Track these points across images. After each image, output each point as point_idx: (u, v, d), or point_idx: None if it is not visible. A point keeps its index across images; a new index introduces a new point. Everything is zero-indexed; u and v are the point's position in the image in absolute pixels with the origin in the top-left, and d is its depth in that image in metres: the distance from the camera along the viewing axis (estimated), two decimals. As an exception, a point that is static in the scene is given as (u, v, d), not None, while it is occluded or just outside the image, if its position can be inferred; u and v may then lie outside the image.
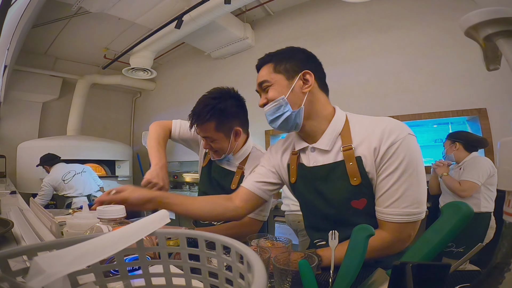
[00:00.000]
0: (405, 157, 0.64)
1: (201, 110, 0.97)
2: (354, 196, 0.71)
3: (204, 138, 1.04)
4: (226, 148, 1.03)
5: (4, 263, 0.26)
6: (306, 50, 0.82)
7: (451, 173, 1.96)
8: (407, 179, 0.65)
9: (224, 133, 1.01)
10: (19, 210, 1.25)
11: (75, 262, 0.25)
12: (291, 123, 0.75)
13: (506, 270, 0.27)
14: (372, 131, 0.69)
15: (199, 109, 0.98)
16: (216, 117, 0.98)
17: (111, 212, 0.59)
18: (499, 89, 2.23)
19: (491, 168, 1.81)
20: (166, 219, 0.37)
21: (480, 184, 1.78)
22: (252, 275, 0.23)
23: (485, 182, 1.79)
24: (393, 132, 0.66)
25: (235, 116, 1.03)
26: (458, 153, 1.97)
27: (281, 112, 0.74)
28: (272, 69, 0.80)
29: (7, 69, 2.76)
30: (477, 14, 0.38)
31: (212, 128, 0.99)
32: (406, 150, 0.65)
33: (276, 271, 0.52)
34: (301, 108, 0.74)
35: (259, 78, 0.84)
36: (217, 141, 1.01)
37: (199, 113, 0.98)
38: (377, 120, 0.71)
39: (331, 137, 0.74)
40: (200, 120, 0.98)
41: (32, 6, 2.02)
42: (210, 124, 0.98)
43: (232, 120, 1.02)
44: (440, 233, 0.44)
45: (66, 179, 2.81)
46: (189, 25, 2.97)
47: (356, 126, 0.73)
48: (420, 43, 2.59)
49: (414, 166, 0.65)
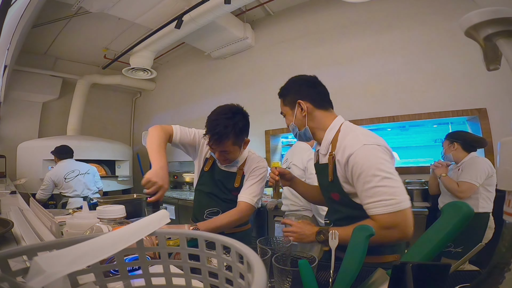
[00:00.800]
0: (363, 165, 0.79)
1: (222, 132, 1.09)
2: (331, 190, 0.94)
3: (220, 152, 1.15)
4: (238, 157, 1.23)
5: (4, 263, 0.26)
6: (303, 77, 1.05)
7: (450, 174, 1.96)
8: (371, 180, 0.78)
9: (238, 146, 1.18)
10: (19, 210, 1.25)
11: (75, 262, 0.25)
12: (304, 137, 1.02)
13: (506, 270, 0.27)
14: (341, 144, 0.87)
15: (220, 130, 1.09)
16: (235, 135, 1.12)
17: (111, 212, 0.59)
18: (499, 89, 2.23)
19: (489, 168, 1.81)
20: (166, 219, 0.37)
21: (478, 185, 1.78)
22: (252, 275, 0.23)
23: (483, 182, 1.79)
24: (348, 148, 0.83)
25: (246, 130, 1.20)
26: (456, 153, 1.96)
27: (295, 133, 1.04)
28: (282, 103, 1.07)
29: (7, 69, 2.76)
30: (477, 14, 0.38)
31: (230, 144, 1.12)
32: (362, 158, 0.80)
33: (276, 271, 0.52)
34: (306, 128, 0.99)
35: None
36: (232, 153, 1.17)
37: (220, 134, 1.09)
38: (350, 135, 0.88)
39: (326, 144, 0.96)
40: (222, 140, 1.10)
41: (32, 6, 2.02)
42: (229, 141, 1.12)
43: (244, 134, 1.19)
44: (440, 233, 0.44)
45: (67, 178, 2.80)
46: (189, 25, 2.97)
47: (341, 137, 0.91)
48: (420, 43, 2.59)
49: (374, 169, 0.78)
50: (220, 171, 1.27)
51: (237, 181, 1.24)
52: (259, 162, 1.25)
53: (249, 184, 1.20)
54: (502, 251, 0.29)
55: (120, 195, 3.67)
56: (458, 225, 0.43)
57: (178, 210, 3.36)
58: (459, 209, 0.44)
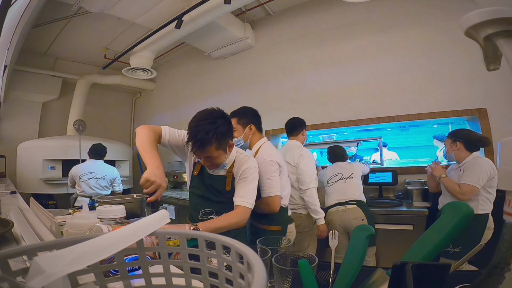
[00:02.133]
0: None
1: (203, 138, 1.05)
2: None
3: (206, 158, 1.12)
4: (224, 161, 1.19)
5: (4, 263, 0.26)
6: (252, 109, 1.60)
7: (451, 174, 1.94)
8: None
9: (223, 150, 1.13)
10: (19, 210, 1.25)
11: (75, 262, 0.25)
12: (245, 146, 1.53)
13: (506, 270, 0.27)
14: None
15: (201, 137, 1.04)
16: (217, 140, 1.07)
17: (111, 212, 0.59)
18: (499, 89, 2.22)
19: (491, 170, 1.76)
20: (166, 219, 0.37)
21: (479, 187, 1.74)
22: (252, 275, 0.23)
23: (484, 184, 1.75)
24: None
25: (229, 133, 1.16)
26: (458, 153, 1.90)
27: (240, 144, 1.47)
28: (237, 121, 1.48)
29: (7, 69, 2.76)
30: (477, 14, 0.38)
31: (213, 150, 1.09)
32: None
33: (276, 271, 0.52)
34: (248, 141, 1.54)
35: None
36: (217, 158, 1.13)
37: (202, 140, 1.05)
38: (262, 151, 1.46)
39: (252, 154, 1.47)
40: (204, 146, 1.06)
41: (32, 6, 2.02)
42: (212, 147, 1.08)
43: (228, 137, 1.15)
44: (440, 233, 0.44)
45: (82, 178, 2.90)
46: (189, 25, 2.97)
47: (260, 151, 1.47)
48: (420, 43, 2.59)
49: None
50: (209, 175, 1.25)
51: (228, 185, 1.23)
52: (248, 162, 1.23)
53: (242, 186, 1.20)
54: (502, 251, 0.29)
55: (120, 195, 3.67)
56: (458, 225, 0.43)
57: (178, 210, 3.36)
58: (459, 209, 0.44)
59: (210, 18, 2.89)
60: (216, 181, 1.24)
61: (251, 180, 1.21)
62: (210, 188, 1.26)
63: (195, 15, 2.85)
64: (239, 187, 1.20)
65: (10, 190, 2.21)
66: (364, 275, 0.52)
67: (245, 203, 1.17)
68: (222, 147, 1.12)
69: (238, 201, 1.18)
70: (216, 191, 1.25)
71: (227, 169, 1.24)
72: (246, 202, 1.17)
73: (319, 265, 0.65)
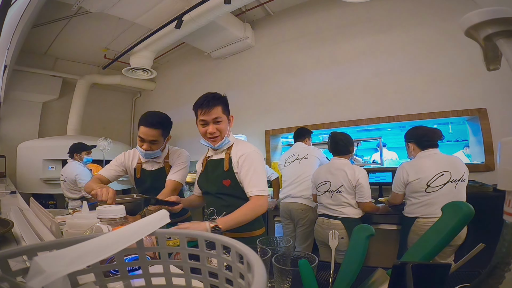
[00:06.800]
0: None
1: (214, 95, 1.20)
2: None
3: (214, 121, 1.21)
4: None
5: (4, 263, 0.26)
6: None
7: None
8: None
9: (226, 116, 1.24)
10: (19, 210, 1.25)
11: (75, 262, 0.25)
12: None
13: (506, 270, 0.27)
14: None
15: (212, 95, 1.20)
16: (224, 104, 1.22)
17: (111, 212, 0.59)
18: (499, 89, 2.22)
19: (405, 175, 1.70)
20: (166, 219, 0.37)
21: (400, 192, 1.78)
22: (252, 275, 0.23)
23: (406, 190, 1.73)
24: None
25: (228, 110, 1.28)
26: (414, 154, 1.78)
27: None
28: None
29: (7, 69, 2.76)
30: (477, 14, 0.38)
31: (220, 111, 1.20)
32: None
33: (276, 271, 0.52)
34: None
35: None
36: (222, 122, 1.22)
37: (212, 96, 1.19)
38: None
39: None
40: (214, 101, 1.18)
41: (32, 6, 2.02)
42: (220, 107, 1.19)
43: (228, 112, 1.27)
44: (440, 233, 0.44)
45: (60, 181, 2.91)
46: (189, 25, 2.97)
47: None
48: (420, 43, 2.59)
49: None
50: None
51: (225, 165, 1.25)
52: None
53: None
54: (502, 251, 0.29)
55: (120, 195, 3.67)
56: (458, 225, 0.43)
57: (178, 210, 3.35)
58: (459, 209, 0.44)
59: (210, 18, 2.89)
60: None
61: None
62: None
63: (195, 15, 2.85)
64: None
65: (10, 190, 2.21)
66: (364, 275, 0.52)
67: (259, 192, 1.15)
68: (226, 113, 1.23)
69: (250, 192, 1.15)
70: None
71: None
72: (260, 190, 1.16)
73: (319, 265, 0.65)
